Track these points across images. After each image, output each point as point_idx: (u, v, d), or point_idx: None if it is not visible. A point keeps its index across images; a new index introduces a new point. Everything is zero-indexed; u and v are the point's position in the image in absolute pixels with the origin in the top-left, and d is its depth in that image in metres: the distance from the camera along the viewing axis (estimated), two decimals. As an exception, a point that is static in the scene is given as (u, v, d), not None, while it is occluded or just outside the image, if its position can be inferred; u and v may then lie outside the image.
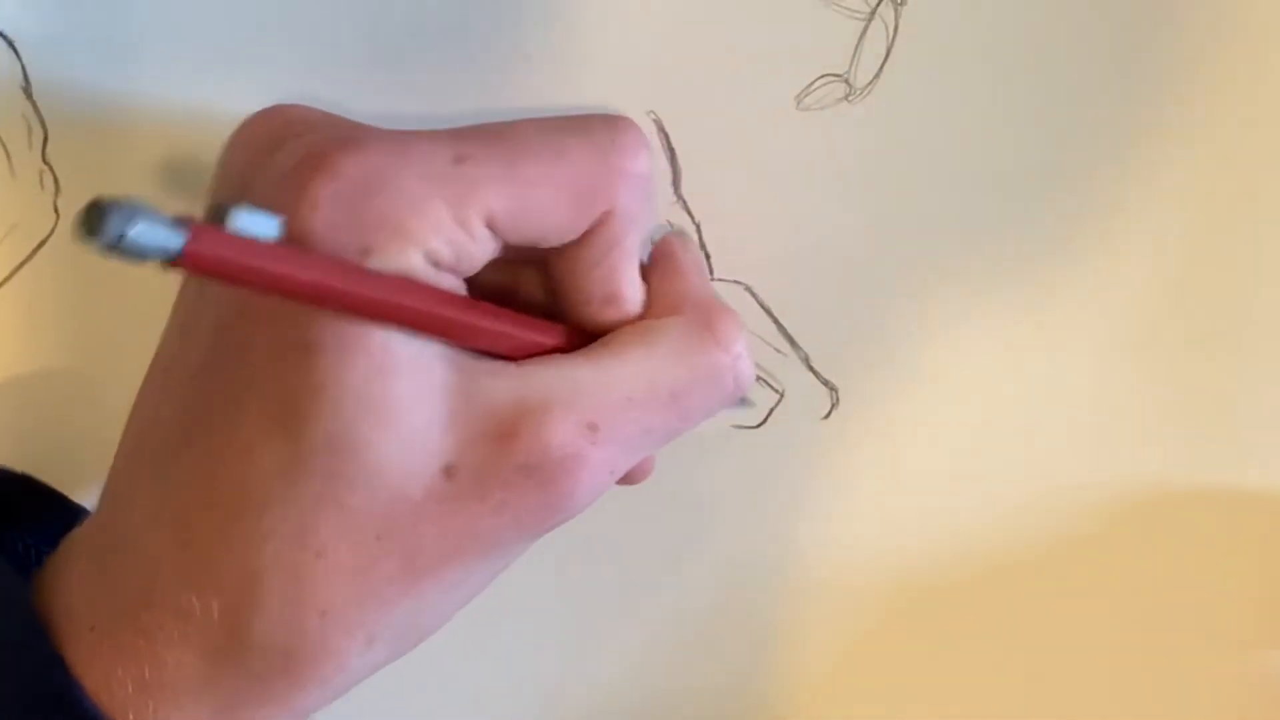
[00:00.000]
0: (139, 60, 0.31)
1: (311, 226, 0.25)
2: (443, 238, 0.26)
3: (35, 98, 0.31)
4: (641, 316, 0.29)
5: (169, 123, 0.31)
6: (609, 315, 0.28)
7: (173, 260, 0.22)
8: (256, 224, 0.23)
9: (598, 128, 0.28)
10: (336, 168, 0.25)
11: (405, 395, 0.26)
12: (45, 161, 0.32)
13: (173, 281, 0.29)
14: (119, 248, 0.21)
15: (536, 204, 0.27)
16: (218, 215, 0.23)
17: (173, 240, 0.21)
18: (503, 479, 0.26)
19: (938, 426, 0.34)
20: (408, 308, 0.25)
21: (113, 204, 0.20)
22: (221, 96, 0.31)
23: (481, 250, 0.27)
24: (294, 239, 0.25)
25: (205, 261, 0.22)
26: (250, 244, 0.23)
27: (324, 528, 0.26)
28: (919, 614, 0.36)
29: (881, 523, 0.35)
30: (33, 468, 0.33)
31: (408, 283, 0.25)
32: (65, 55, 0.31)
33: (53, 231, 0.32)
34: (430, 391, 0.26)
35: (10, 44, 0.31)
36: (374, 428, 0.25)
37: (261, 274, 0.23)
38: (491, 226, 0.26)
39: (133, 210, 0.21)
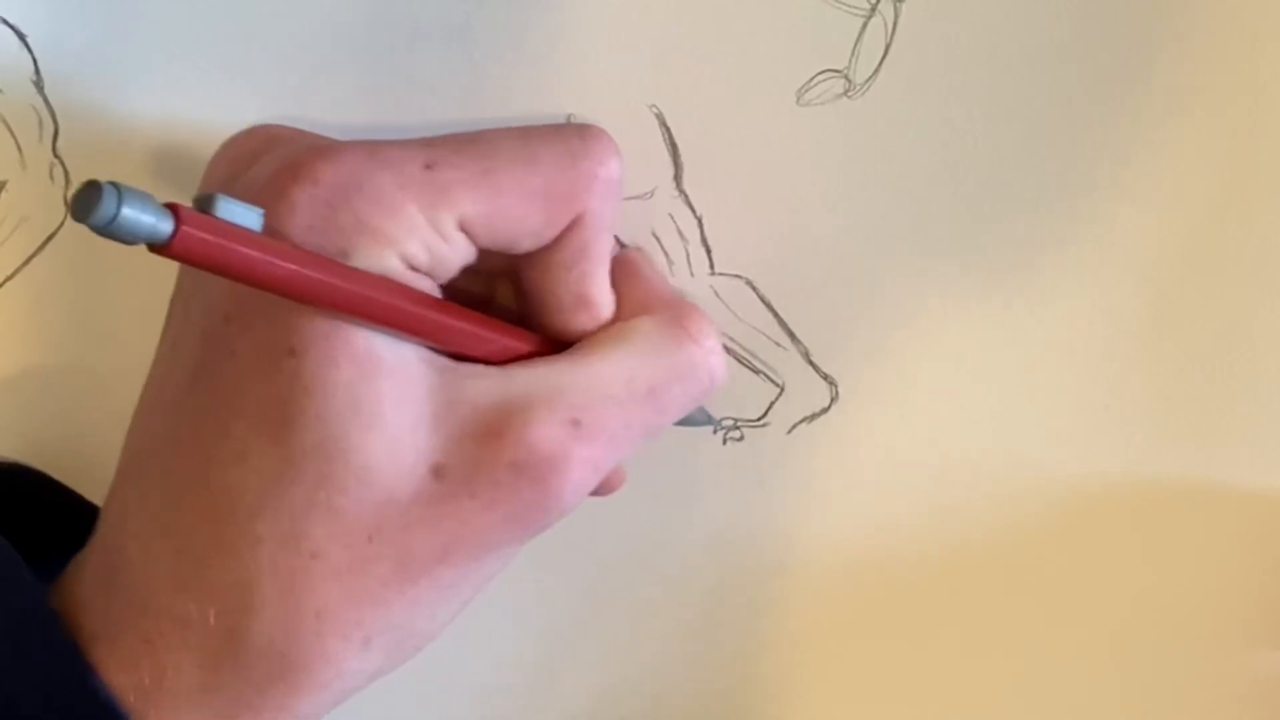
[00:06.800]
0: (149, 54, 0.31)
1: (289, 230, 0.26)
2: (418, 240, 0.26)
3: (46, 91, 0.31)
4: (611, 321, 0.29)
5: (179, 116, 0.32)
6: (580, 320, 0.29)
7: (163, 243, 0.22)
8: (240, 214, 0.24)
9: (569, 134, 0.28)
10: (313, 174, 0.26)
11: (391, 397, 0.26)
12: (55, 154, 0.32)
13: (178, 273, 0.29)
14: (111, 228, 0.21)
15: (508, 208, 0.27)
16: (204, 204, 0.23)
17: (163, 223, 0.22)
18: (492, 477, 0.26)
19: (937, 421, 0.34)
20: (389, 305, 0.26)
21: (106, 186, 0.21)
22: (231, 89, 0.31)
23: (456, 254, 0.27)
24: None
25: (194, 244, 0.23)
26: (236, 230, 0.24)
27: (316, 531, 0.26)
28: (916, 609, 0.36)
29: (880, 516, 0.35)
30: (40, 460, 0.33)
31: (388, 281, 0.26)
32: (76, 49, 0.31)
33: (62, 224, 0.32)
34: (414, 393, 0.26)
35: (21, 37, 0.31)
36: (362, 430, 0.26)
37: (247, 260, 0.24)
38: (465, 230, 0.27)
39: (125, 193, 0.21)
